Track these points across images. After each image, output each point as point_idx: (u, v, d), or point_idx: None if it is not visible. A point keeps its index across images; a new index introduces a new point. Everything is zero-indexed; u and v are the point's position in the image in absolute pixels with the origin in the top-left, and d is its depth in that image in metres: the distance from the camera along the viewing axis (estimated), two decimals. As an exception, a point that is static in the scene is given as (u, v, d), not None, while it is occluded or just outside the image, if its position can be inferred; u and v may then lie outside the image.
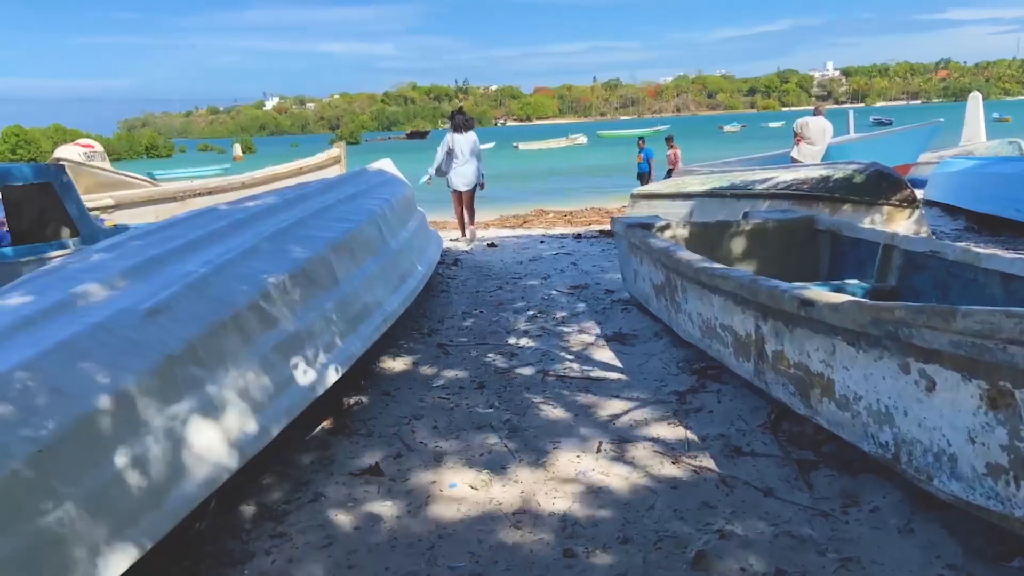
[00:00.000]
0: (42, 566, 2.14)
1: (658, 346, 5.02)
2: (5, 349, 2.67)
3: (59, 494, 2.27)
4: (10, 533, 2.09)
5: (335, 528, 2.99)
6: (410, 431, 3.89)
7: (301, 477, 3.44)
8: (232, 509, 3.14)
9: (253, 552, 2.85)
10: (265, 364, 3.44)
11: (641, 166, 16.71)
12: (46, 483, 2.25)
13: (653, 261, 5.14)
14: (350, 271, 4.65)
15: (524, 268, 7.95)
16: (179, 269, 3.70)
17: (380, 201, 6.19)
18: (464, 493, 3.22)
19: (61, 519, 2.24)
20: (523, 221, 12.84)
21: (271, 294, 3.73)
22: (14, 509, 2.14)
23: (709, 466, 3.32)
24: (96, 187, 11.59)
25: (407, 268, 5.78)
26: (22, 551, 2.10)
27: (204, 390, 3.01)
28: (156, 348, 2.93)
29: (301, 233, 4.69)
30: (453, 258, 8.53)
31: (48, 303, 3.15)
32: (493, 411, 4.10)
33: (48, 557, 2.17)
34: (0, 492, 2.12)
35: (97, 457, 2.46)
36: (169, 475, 2.67)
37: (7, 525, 2.09)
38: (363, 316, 4.54)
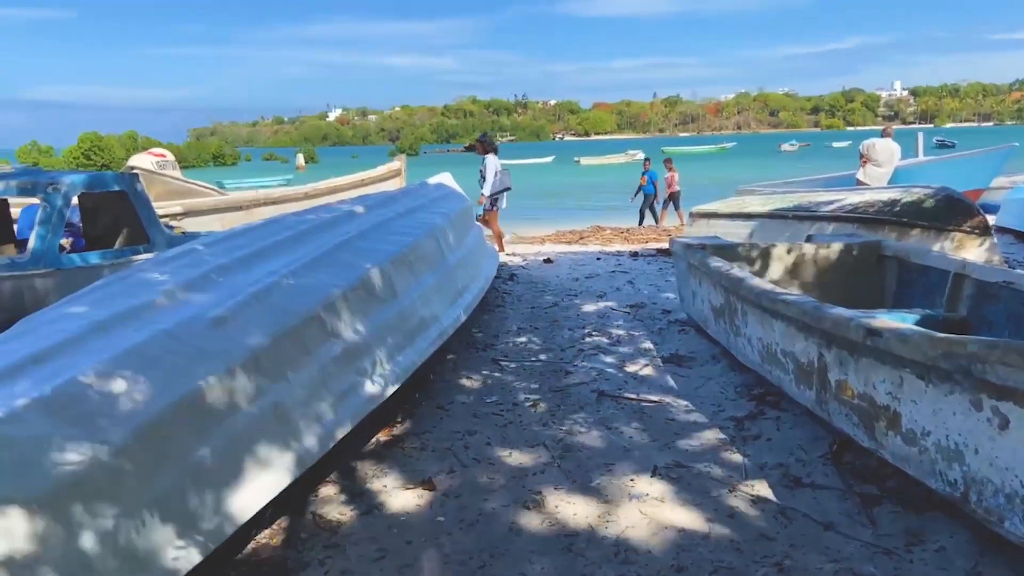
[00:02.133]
0: (109, 566, 2.21)
1: (715, 369, 4.94)
2: (80, 353, 2.77)
3: (127, 496, 2.34)
4: (78, 534, 2.16)
5: (388, 541, 3.01)
6: (463, 446, 3.90)
7: (356, 489, 3.48)
8: (288, 518, 3.19)
9: (307, 562, 2.89)
10: (324, 375, 3.49)
11: (646, 188, 16.56)
12: (115, 485, 2.32)
13: (712, 283, 5.07)
14: (408, 284, 4.71)
15: (580, 285, 7.92)
16: (245, 279, 3.79)
17: (439, 215, 6.25)
18: (517, 512, 3.21)
19: (128, 521, 2.31)
20: (580, 237, 12.81)
21: (332, 306, 3.79)
22: (85, 509, 2.21)
23: (767, 496, 3.24)
24: (166, 195, 11.99)
25: (464, 282, 5.83)
26: (91, 552, 2.17)
27: (265, 399, 3.07)
28: (221, 356, 3.00)
29: (362, 246, 4.76)
30: (509, 273, 8.56)
31: (120, 309, 3.26)
32: (547, 429, 4.08)
33: (115, 558, 2.24)
34: (72, 493, 2.20)
35: (163, 461, 2.53)
36: (229, 482, 2.73)
37: (78, 525, 2.16)
38: (420, 329, 4.59)
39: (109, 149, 58.57)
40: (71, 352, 2.77)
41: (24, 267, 4.89)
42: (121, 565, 2.25)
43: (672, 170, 16.42)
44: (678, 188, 16.26)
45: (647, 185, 16.38)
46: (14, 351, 2.76)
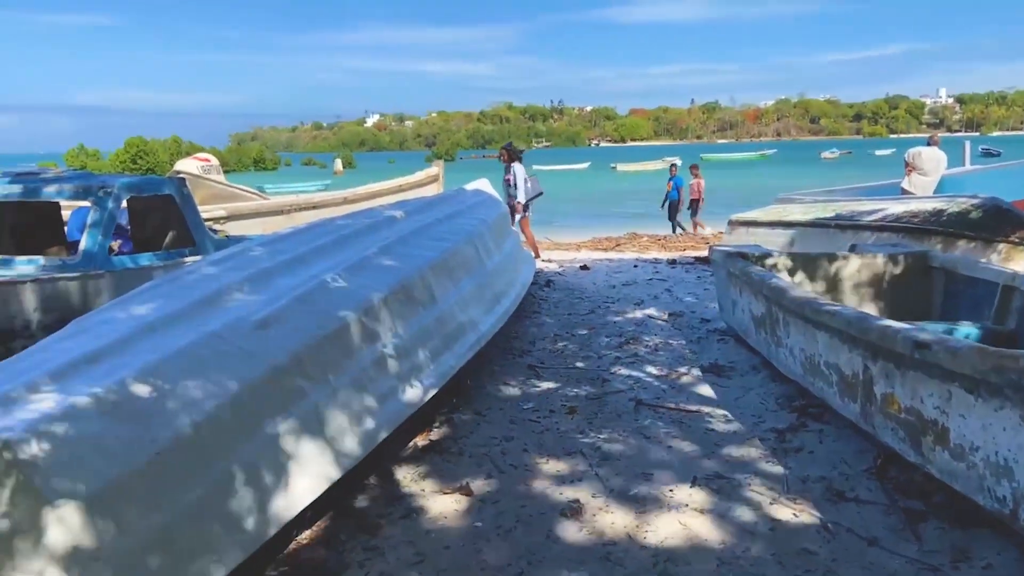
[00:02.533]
0: (154, 564, 2.25)
1: (756, 380, 4.88)
2: (131, 354, 2.83)
3: (174, 495, 2.39)
4: (127, 531, 2.21)
5: (426, 545, 3.03)
6: (500, 452, 3.91)
7: (394, 492, 3.51)
8: (329, 520, 3.22)
9: (347, 564, 2.91)
10: (364, 378, 3.53)
11: (671, 194, 16.41)
12: (164, 484, 2.38)
13: (753, 292, 5.01)
14: (447, 290, 4.73)
15: (617, 292, 7.89)
16: (288, 282, 3.85)
17: (477, 221, 6.28)
18: (554, 519, 3.20)
19: (174, 520, 2.36)
20: (616, 244, 12.76)
21: (373, 310, 3.83)
22: (132, 508, 2.26)
23: (809, 509, 3.20)
24: (210, 199, 12.22)
25: (501, 288, 5.84)
26: (137, 549, 2.22)
27: (307, 401, 3.11)
28: (265, 358, 3.05)
29: (401, 251, 4.80)
30: (545, 279, 8.56)
31: (168, 311, 3.32)
32: (584, 437, 4.07)
33: (161, 555, 2.28)
34: (122, 491, 2.25)
35: (208, 461, 2.58)
36: (272, 483, 2.77)
37: (125, 523, 2.21)
38: (458, 335, 4.61)
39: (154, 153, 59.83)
40: (122, 352, 2.84)
41: (75, 268, 5.02)
42: (167, 562, 2.30)
43: (698, 177, 16.26)
44: (699, 196, 16.11)
45: (672, 191, 16.26)
46: (68, 350, 2.84)
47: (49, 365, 2.66)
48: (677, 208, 16.23)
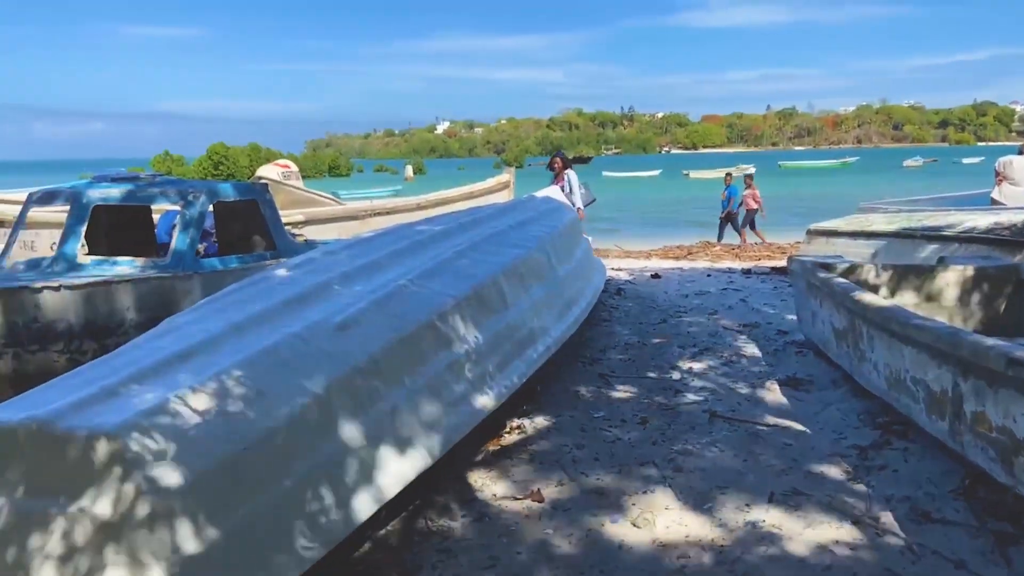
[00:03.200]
0: (236, 558, 2.33)
1: (836, 395, 4.74)
2: (219, 353, 2.94)
3: (259, 491, 2.47)
4: (215, 523, 2.29)
5: (498, 550, 3.05)
6: (571, 460, 3.90)
7: (467, 496, 3.54)
8: (403, 521, 3.27)
9: (421, 565, 2.96)
10: (438, 382, 3.58)
11: (724, 203, 15.99)
12: (249, 480, 2.46)
13: (835, 304, 4.87)
14: (519, 296, 4.75)
15: (689, 302, 7.77)
16: (366, 286, 3.93)
17: (549, 228, 6.29)
18: (625, 529, 3.18)
19: (258, 515, 2.44)
20: (688, 252, 12.57)
21: (447, 315, 3.88)
22: (217, 503, 2.35)
23: (893, 530, 3.09)
24: (290, 204, 12.59)
25: (572, 295, 5.83)
26: (224, 540, 2.30)
27: (384, 403, 3.17)
28: (345, 360, 3.13)
29: (475, 257, 4.85)
30: (616, 287, 8.50)
31: (253, 312, 3.44)
32: (656, 448, 4.03)
33: (245, 548, 2.36)
34: (210, 485, 2.34)
35: (290, 459, 2.65)
36: (349, 482, 2.83)
37: (210, 517, 2.29)
38: (529, 341, 4.62)
39: (235, 159, 61.91)
40: (212, 351, 2.95)
41: (165, 269, 5.25)
42: (251, 555, 2.38)
43: (752, 187, 15.88)
44: (755, 206, 15.72)
45: (725, 201, 15.92)
46: (162, 348, 2.96)
47: (145, 362, 2.78)
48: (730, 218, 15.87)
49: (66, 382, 2.70)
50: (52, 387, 2.67)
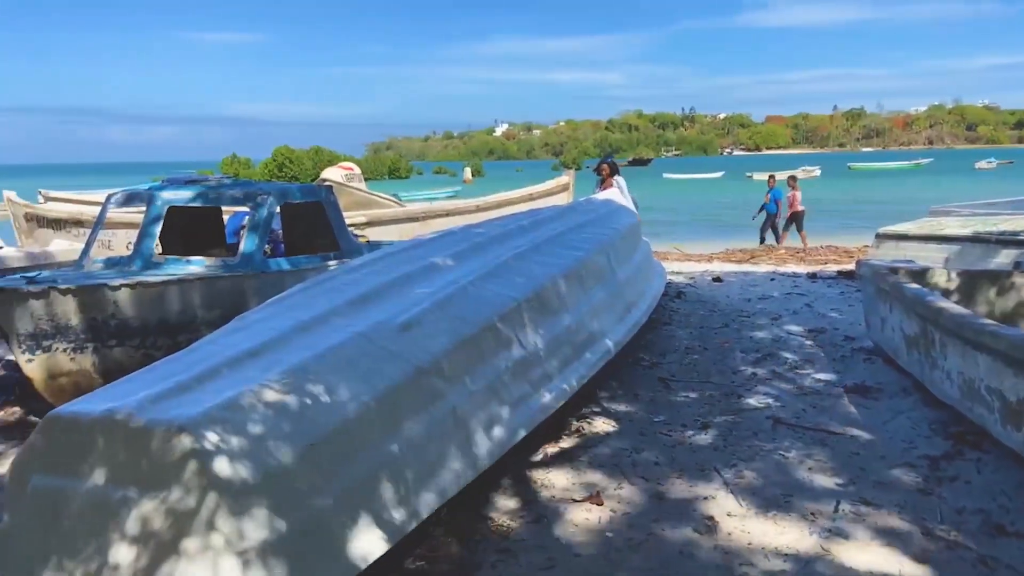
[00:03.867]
0: (304, 550, 2.39)
1: (906, 403, 4.59)
2: (288, 350, 3.02)
3: (325, 485, 2.53)
4: (282, 517, 2.35)
5: (558, 552, 3.05)
6: (631, 464, 3.88)
7: (526, 497, 3.55)
8: (463, 519, 3.30)
9: (480, 563, 2.98)
10: (499, 383, 3.60)
11: (768, 207, 15.54)
12: (316, 474, 2.52)
13: (906, 309, 4.72)
14: (579, 298, 4.75)
15: (752, 306, 7.63)
16: (427, 287, 3.98)
17: (609, 230, 6.26)
18: (687, 535, 3.15)
19: (325, 509, 2.50)
20: (750, 256, 12.34)
21: (507, 316, 3.90)
22: (285, 497, 2.41)
23: (965, 543, 2.98)
24: (352, 205, 12.84)
25: (632, 299, 5.79)
26: (290, 535, 2.36)
27: (445, 403, 3.21)
28: (408, 359, 3.18)
29: (535, 259, 4.86)
30: (676, 291, 8.40)
31: (319, 311, 3.52)
32: (718, 454, 3.97)
33: (310, 542, 2.42)
34: (278, 479, 2.40)
35: (355, 455, 2.70)
36: (412, 479, 2.87)
37: (278, 510, 2.35)
38: (589, 344, 4.61)
39: (299, 161, 63.30)
40: (280, 349, 3.04)
41: (235, 269, 5.41)
42: (316, 550, 2.43)
43: (795, 189, 15.46)
44: (801, 208, 15.31)
45: (770, 203, 15.54)
46: (233, 345, 3.06)
47: (217, 358, 2.88)
48: (775, 220, 15.49)
49: (143, 376, 2.82)
50: (131, 381, 2.78)
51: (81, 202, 15.82)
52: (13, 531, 2.46)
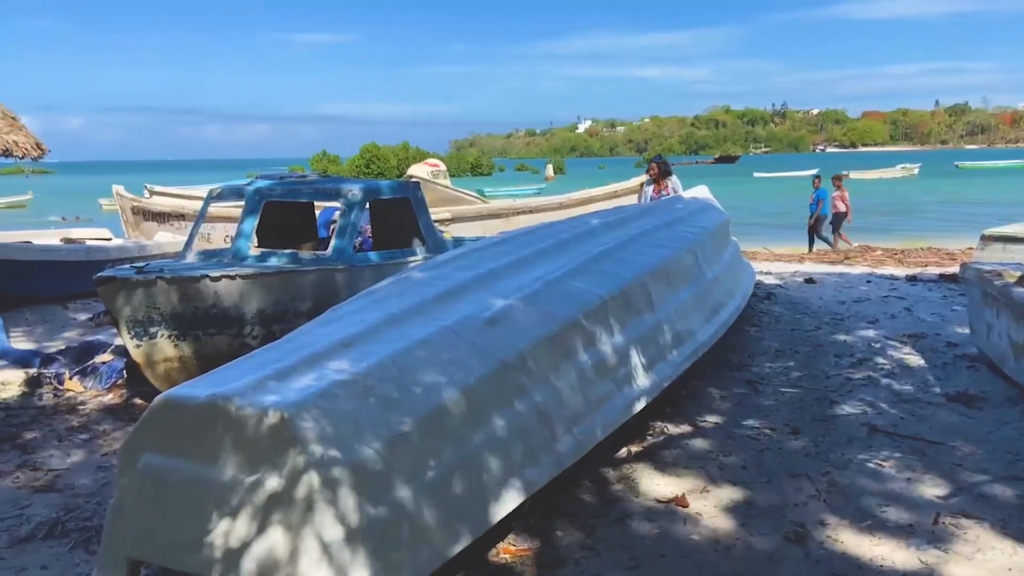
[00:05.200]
0: (389, 537, 2.44)
1: (1013, 413, 4.35)
2: (379, 342, 3.09)
3: (414, 475, 2.58)
4: (369, 503, 2.41)
5: (641, 552, 3.02)
6: (718, 467, 3.80)
7: (608, 496, 3.53)
8: (545, 515, 3.31)
9: (563, 559, 2.98)
10: (583, 380, 3.59)
11: (811, 207, 14.74)
12: (406, 463, 2.57)
13: (1015, 315, 4.46)
14: (665, 298, 4.69)
15: (847, 309, 7.36)
16: (513, 283, 4.00)
17: (697, 229, 6.15)
18: (775, 543, 3.07)
19: (413, 498, 2.55)
20: (845, 257, 11.89)
21: (592, 314, 3.88)
22: (379, 482, 2.47)
23: (1081, 566, 2.80)
24: (437, 202, 13.02)
25: (720, 299, 5.68)
26: (382, 520, 2.41)
27: (530, 398, 3.22)
28: (494, 354, 3.20)
29: (621, 256, 4.82)
30: (766, 292, 8.18)
31: (408, 304, 3.58)
32: (810, 460, 3.85)
33: (396, 530, 2.47)
34: (370, 466, 2.46)
35: (442, 447, 2.75)
36: (496, 473, 2.89)
37: (367, 497, 2.41)
38: (675, 344, 4.54)
39: (385, 158, 64.60)
40: (371, 340, 3.11)
41: (326, 263, 5.57)
42: (406, 537, 2.48)
43: (841, 189, 14.69)
44: (845, 209, 14.56)
45: (813, 204, 14.85)
46: (327, 336, 3.15)
47: (312, 348, 2.97)
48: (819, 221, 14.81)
49: (245, 363, 2.93)
50: (234, 367, 2.90)
51: (182, 196, 16.60)
52: (124, 506, 2.60)
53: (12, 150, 12.85)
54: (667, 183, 9.33)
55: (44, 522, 3.34)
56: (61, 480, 3.85)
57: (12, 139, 12.88)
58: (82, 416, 4.83)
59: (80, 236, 11.54)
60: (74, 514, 3.43)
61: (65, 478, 3.87)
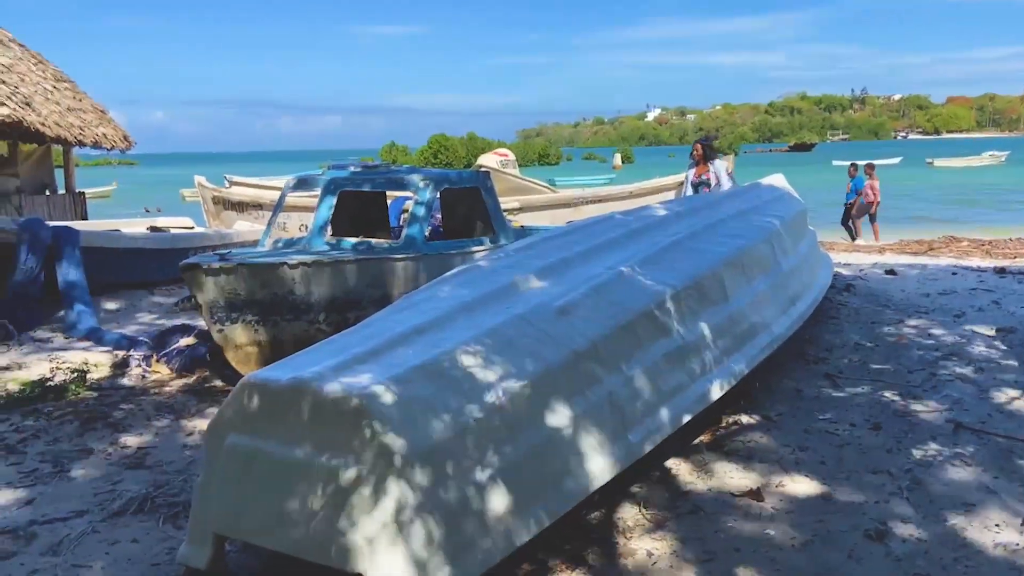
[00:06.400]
0: (460, 523, 2.46)
1: (1113, 413, 4.11)
2: (451, 329, 3.13)
3: (486, 461, 2.60)
4: (441, 488, 2.44)
5: (715, 545, 2.99)
6: (794, 462, 3.72)
7: (680, 488, 3.50)
8: (616, 505, 3.30)
9: (634, 550, 2.97)
10: (654, 371, 3.55)
11: (848, 196, 13.97)
12: (478, 449, 2.60)
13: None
14: (740, 288, 4.59)
15: (931, 302, 7.07)
16: (584, 272, 3.99)
17: (773, 218, 6.00)
18: (856, 539, 2.98)
19: (486, 483, 2.57)
20: (928, 248, 11.43)
21: (665, 304, 3.84)
22: (452, 468, 2.50)
23: None
24: (506, 191, 13.05)
25: (797, 290, 5.53)
26: (449, 507, 2.44)
27: (601, 388, 3.21)
28: (566, 343, 3.20)
29: (694, 246, 4.74)
30: (845, 283, 7.92)
31: (480, 293, 3.61)
32: (891, 456, 3.73)
33: (467, 516, 2.49)
34: (444, 451, 2.49)
35: (514, 434, 2.76)
36: (568, 462, 2.90)
37: (440, 481, 2.44)
38: (749, 335, 4.45)
39: (453, 149, 65.20)
40: (444, 327, 3.15)
41: (399, 251, 5.66)
42: (479, 523, 2.51)
43: (873, 178, 13.94)
44: (876, 199, 13.82)
45: (850, 193, 14.13)
46: (401, 322, 3.21)
47: (388, 334, 3.02)
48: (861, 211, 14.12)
49: (325, 348, 3.01)
50: (313, 352, 2.98)
51: (260, 187, 17.11)
52: (210, 484, 2.71)
53: (102, 142, 13.50)
54: (709, 167, 8.77)
55: (135, 497, 3.50)
56: (150, 457, 4.03)
57: (101, 131, 13.52)
58: (167, 397, 5.04)
59: (165, 225, 12.02)
60: (162, 490, 3.59)
61: (153, 455, 4.05)
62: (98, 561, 2.97)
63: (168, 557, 2.96)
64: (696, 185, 8.86)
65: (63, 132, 12.16)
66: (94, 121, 13.35)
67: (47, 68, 13.27)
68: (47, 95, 12.41)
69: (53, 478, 3.77)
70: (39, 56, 13.37)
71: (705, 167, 8.83)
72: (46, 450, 4.12)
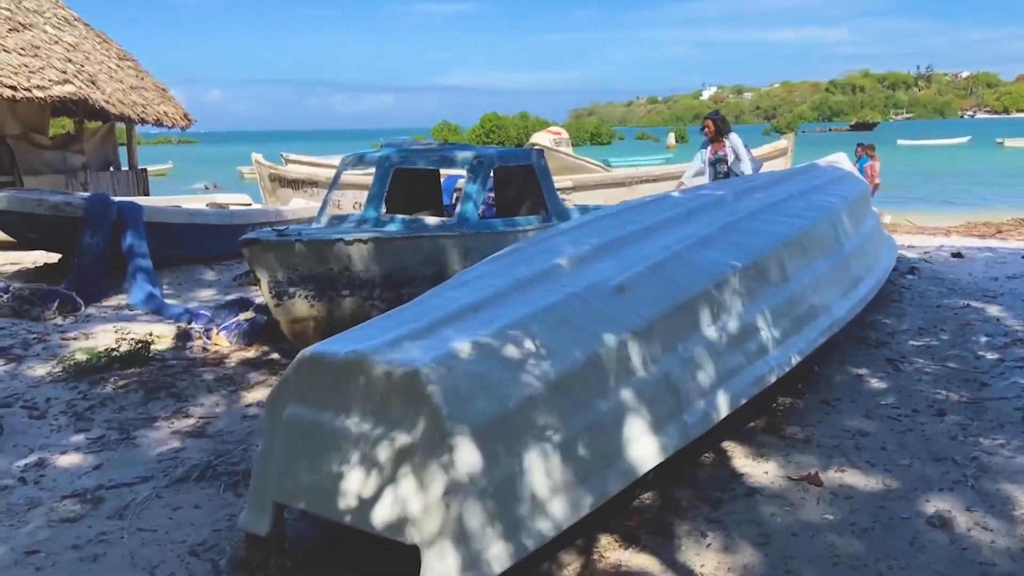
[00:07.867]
0: (520, 498, 2.47)
1: None
2: (506, 306, 3.12)
3: (541, 437, 2.60)
4: (494, 465, 2.44)
5: (771, 528, 2.94)
6: (854, 447, 3.63)
7: (735, 471, 3.45)
8: (670, 485, 3.27)
9: (690, 531, 2.94)
10: (712, 352, 3.50)
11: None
12: (533, 425, 2.59)
13: None
14: (800, 270, 4.48)
15: (1000, 286, 6.81)
16: (640, 251, 3.93)
17: (835, 199, 5.84)
18: (919, 526, 2.91)
19: (539, 460, 2.57)
20: (996, 231, 11.00)
21: (723, 284, 3.77)
22: (507, 443, 2.50)
23: None
24: (559, 170, 12.94)
25: (859, 272, 5.37)
26: (500, 482, 2.44)
27: (658, 367, 3.17)
28: (622, 321, 3.17)
29: (752, 226, 4.64)
30: (908, 266, 7.68)
31: (535, 271, 3.58)
32: (956, 443, 3.61)
33: (526, 491, 2.50)
34: (499, 426, 2.50)
35: (569, 411, 2.75)
36: (622, 440, 2.88)
37: (493, 457, 2.44)
38: (809, 318, 4.35)
39: (505, 128, 65.12)
40: (499, 304, 3.14)
41: (452, 229, 5.67)
42: (530, 499, 2.51)
43: (874, 158, 13.26)
44: (876, 180, 13.16)
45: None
46: (456, 299, 3.21)
47: (442, 311, 3.03)
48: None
49: (381, 322, 3.04)
50: (370, 326, 3.01)
51: (314, 164, 17.32)
52: (269, 454, 2.77)
53: (163, 120, 13.84)
54: (725, 142, 8.11)
55: (197, 465, 3.60)
56: (211, 427, 4.14)
57: (163, 110, 13.85)
58: (227, 368, 5.16)
59: (224, 201, 12.28)
60: (223, 459, 3.69)
61: (214, 425, 4.16)
62: (162, 525, 3.07)
63: (229, 523, 3.05)
64: (714, 163, 8.19)
65: (126, 110, 12.49)
66: (156, 99, 13.68)
67: (111, 47, 13.62)
68: (111, 74, 12.75)
69: (119, 445, 3.90)
70: (103, 35, 13.72)
71: (720, 143, 8.16)
72: (112, 418, 4.26)
